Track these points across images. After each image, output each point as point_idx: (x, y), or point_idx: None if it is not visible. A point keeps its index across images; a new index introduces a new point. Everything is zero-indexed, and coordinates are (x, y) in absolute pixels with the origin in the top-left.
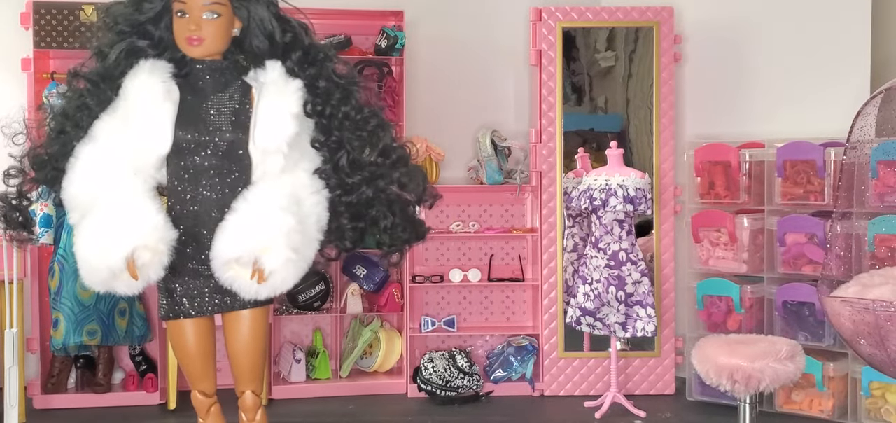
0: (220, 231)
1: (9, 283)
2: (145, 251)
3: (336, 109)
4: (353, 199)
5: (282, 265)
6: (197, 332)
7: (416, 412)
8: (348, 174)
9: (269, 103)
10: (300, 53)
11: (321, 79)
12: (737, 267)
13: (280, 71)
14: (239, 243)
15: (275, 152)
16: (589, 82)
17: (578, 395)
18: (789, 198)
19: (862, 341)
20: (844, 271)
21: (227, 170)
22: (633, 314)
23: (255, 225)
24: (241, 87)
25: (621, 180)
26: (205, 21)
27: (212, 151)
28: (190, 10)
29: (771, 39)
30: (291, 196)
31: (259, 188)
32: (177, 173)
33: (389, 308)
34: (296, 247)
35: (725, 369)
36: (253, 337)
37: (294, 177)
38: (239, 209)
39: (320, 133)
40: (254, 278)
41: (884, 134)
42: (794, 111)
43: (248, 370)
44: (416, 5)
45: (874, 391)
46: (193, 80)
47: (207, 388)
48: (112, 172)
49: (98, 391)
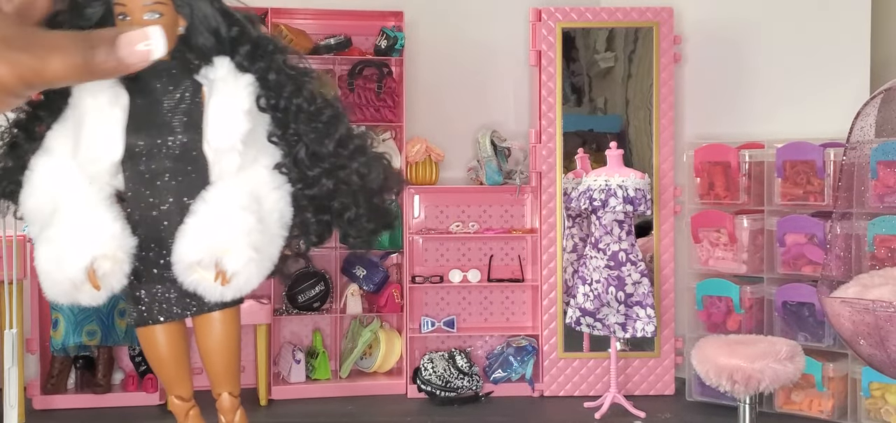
0: (180, 234)
1: (8, 283)
2: (105, 261)
3: (289, 101)
4: (314, 192)
5: (244, 265)
6: (168, 337)
7: (416, 412)
8: (308, 167)
9: (220, 101)
10: (249, 47)
11: (272, 71)
12: (736, 268)
13: (228, 67)
14: (199, 246)
15: (229, 151)
16: (588, 83)
17: (578, 395)
18: (789, 198)
19: (862, 342)
20: (844, 272)
21: (184, 172)
22: (632, 315)
23: (215, 226)
24: (192, 85)
25: (621, 181)
26: (147, 22)
27: (166, 153)
28: (131, 12)
29: (770, 40)
30: (250, 194)
31: (217, 188)
32: (133, 179)
33: (389, 309)
34: (257, 246)
35: (725, 369)
36: (225, 338)
37: (252, 174)
38: (197, 211)
39: (276, 127)
40: (217, 280)
41: (883, 134)
42: (794, 112)
43: (223, 371)
44: (416, 6)
45: (874, 391)
46: (142, 83)
47: (184, 392)
48: (67, 182)
49: (98, 391)
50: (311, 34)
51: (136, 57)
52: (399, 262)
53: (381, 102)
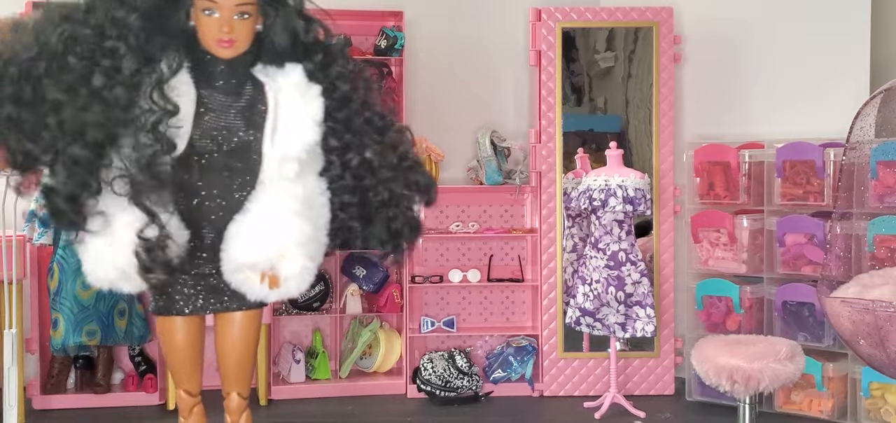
0: (234, 235)
1: (8, 283)
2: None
3: (355, 113)
4: (357, 199)
5: (298, 273)
6: (187, 330)
7: (416, 412)
8: (359, 176)
9: (292, 109)
10: (321, 56)
11: (340, 82)
12: (736, 267)
13: (301, 74)
14: (256, 250)
15: (293, 159)
16: (588, 83)
17: (578, 395)
18: (789, 198)
19: (861, 342)
20: (844, 272)
21: (238, 169)
22: (632, 315)
23: (272, 231)
24: (253, 83)
25: (621, 181)
26: (236, 22)
27: (224, 149)
28: (221, 10)
29: (770, 40)
30: (304, 201)
31: (274, 192)
32: (186, 170)
33: (389, 309)
34: (312, 255)
35: (725, 369)
36: (243, 340)
37: (305, 181)
38: (252, 211)
39: (333, 138)
40: (264, 282)
41: (883, 134)
42: (794, 112)
43: (236, 371)
44: (416, 5)
45: (874, 391)
46: (208, 76)
47: (192, 387)
48: None
49: (97, 391)
50: None
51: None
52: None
53: (380, 102)
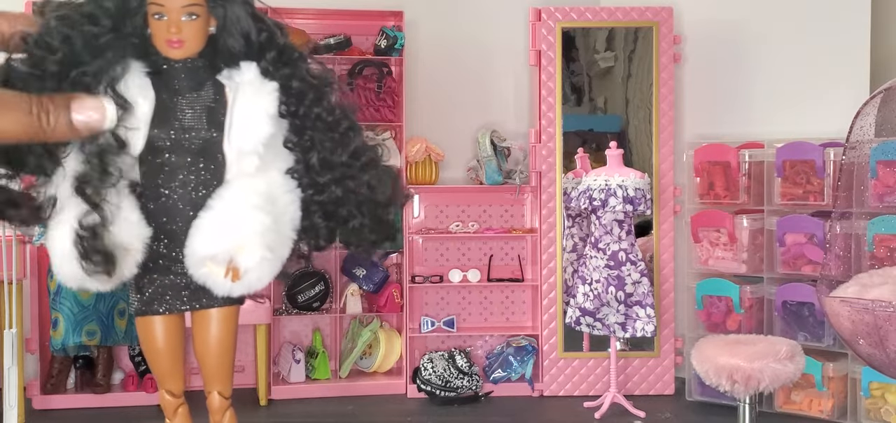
0: (195, 229)
1: (8, 283)
2: (119, 249)
3: (309, 109)
4: (324, 198)
5: (257, 264)
6: (166, 330)
7: (416, 412)
8: (319, 174)
9: (246, 104)
10: (275, 53)
11: (295, 79)
12: (736, 267)
13: (256, 72)
14: (214, 242)
15: (251, 153)
16: (588, 83)
17: (578, 395)
18: (789, 198)
19: (861, 342)
20: (844, 272)
21: (201, 168)
22: (632, 315)
23: (231, 224)
24: (214, 85)
25: (621, 181)
26: (184, 23)
27: (186, 148)
28: (168, 12)
29: (770, 39)
30: (266, 195)
31: (234, 187)
32: (151, 171)
33: (389, 309)
34: (271, 246)
35: (725, 369)
36: (221, 337)
37: (268, 177)
38: (214, 207)
39: (293, 133)
40: (228, 275)
41: (883, 134)
42: (794, 111)
43: (215, 370)
44: (416, 5)
45: (874, 391)
46: (167, 78)
47: (175, 387)
48: None
49: (97, 391)
50: (311, 34)
51: (89, 125)
52: (399, 262)
53: (380, 102)
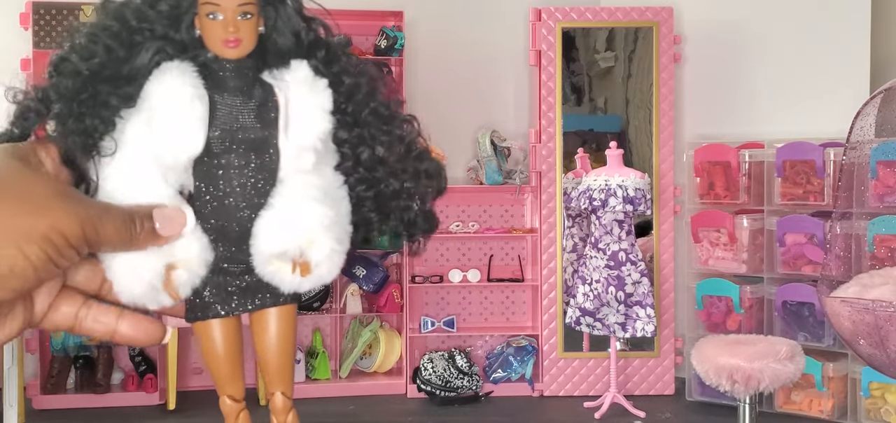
0: (260, 228)
1: None
2: (181, 269)
3: (361, 105)
4: (376, 192)
5: (327, 257)
6: (225, 333)
7: (416, 412)
8: (371, 168)
9: (302, 101)
10: (324, 52)
11: (345, 75)
12: (736, 267)
13: (307, 69)
14: (283, 238)
15: (309, 149)
16: (588, 83)
17: (578, 395)
18: (789, 198)
19: (861, 342)
20: (844, 272)
21: (256, 168)
22: (632, 315)
23: (297, 219)
24: (262, 84)
25: (621, 181)
26: (240, 22)
27: (241, 149)
28: (224, 12)
29: (770, 39)
30: (325, 191)
31: (292, 184)
32: (205, 173)
33: (389, 309)
34: (339, 238)
35: (725, 369)
36: (282, 337)
37: (323, 172)
38: (276, 205)
39: (343, 130)
40: (296, 271)
41: (883, 134)
42: (794, 111)
43: (278, 370)
44: (416, 5)
45: (874, 391)
46: (217, 79)
47: (236, 392)
48: (143, 178)
49: (97, 391)
50: None
51: (171, 232)
52: (399, 262)
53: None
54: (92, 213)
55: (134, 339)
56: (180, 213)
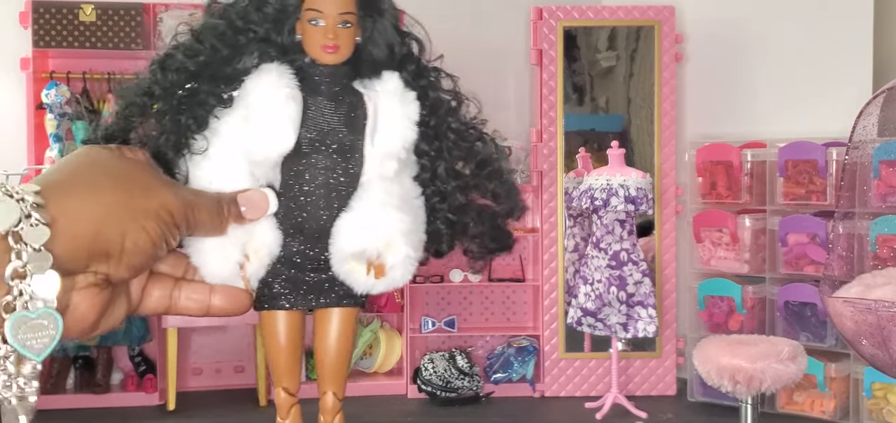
0: (340, 228)
1: None
2: (255, 258)
3: (443, 120)
4: (447, 205)
5: (402, 262)
6: (289, 326)
7: (416, 412)
8: (445, 182)
9: (391, 110)
10: (414, 66)
11: (431, 90)
12: (738, 267)
13: (398, 81)
14: (363, 239)
15: (393, 157)
16: (590, 82)
17: (579, 396)
18: (791, 198)
19: (864, 342)
20: (846, 272)
21: (340, 170)
22: (634, 315)
23: (377, 222)
24: (353, 92)
25: (622, 180)
26: (340, 30)
27: (329, 150)
28: (326, 19)
29: (772, 39)
30: (403, 198)
31: (373, 189)
32: (292, 172)
33: (389, 309)
34: (414, 245)
35: (727, 369)
36: (341, 338)
37: (402, 181)
38: (356, 208)
39: (425, 142)
40: (370, 273)
41: (886, 134)
42: (796, 111)
43: (333, 371)
44: (416, 6)
45: (876, 391)
46: (312, 83)
47: (291, 385)
48: (232, 175)
49: (97, 391)
50: None
51: (255, 215)
52: None
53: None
54: (188, 197)
55: (226, 309)
56: (263, 196)
